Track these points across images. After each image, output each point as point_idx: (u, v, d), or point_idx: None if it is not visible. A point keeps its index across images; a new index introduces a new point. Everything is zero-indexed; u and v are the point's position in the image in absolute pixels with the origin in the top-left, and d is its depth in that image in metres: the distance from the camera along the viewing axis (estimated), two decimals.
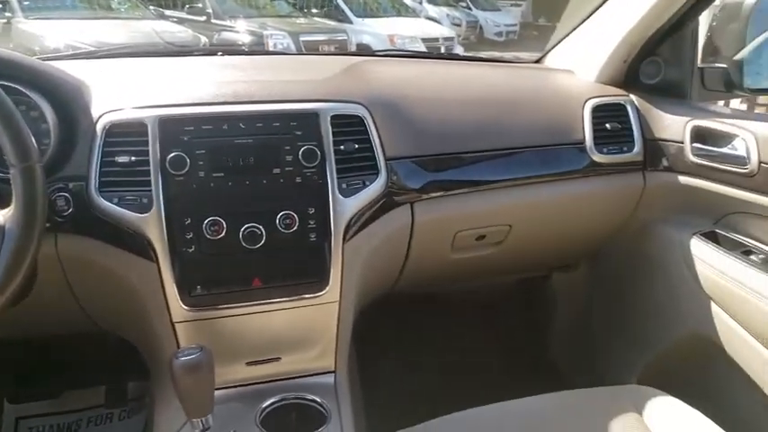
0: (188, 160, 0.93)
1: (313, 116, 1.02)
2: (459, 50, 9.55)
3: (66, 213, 0.92)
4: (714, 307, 1.21)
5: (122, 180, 0.93)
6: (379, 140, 1.07)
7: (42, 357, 1.55)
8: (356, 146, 1.03)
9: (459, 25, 13.40)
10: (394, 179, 1.08)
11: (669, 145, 1.31)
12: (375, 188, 1.04)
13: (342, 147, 1.02)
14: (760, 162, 1.13)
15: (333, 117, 1.03)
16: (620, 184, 1.33)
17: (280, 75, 1.13)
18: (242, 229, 0.95)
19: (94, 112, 0.96)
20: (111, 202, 0.92)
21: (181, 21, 8.22)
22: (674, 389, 1.03)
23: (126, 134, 0.94)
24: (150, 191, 0.92)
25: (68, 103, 0.96)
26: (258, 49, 5.79)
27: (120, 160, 0.93)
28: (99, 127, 0.94)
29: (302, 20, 9.26)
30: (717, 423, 0.94)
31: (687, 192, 1.29)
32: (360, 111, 1.06)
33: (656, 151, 1.32)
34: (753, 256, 1.17)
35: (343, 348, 1.10)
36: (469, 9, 14.40)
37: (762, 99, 4.74)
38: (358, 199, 1.01)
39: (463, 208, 1.20)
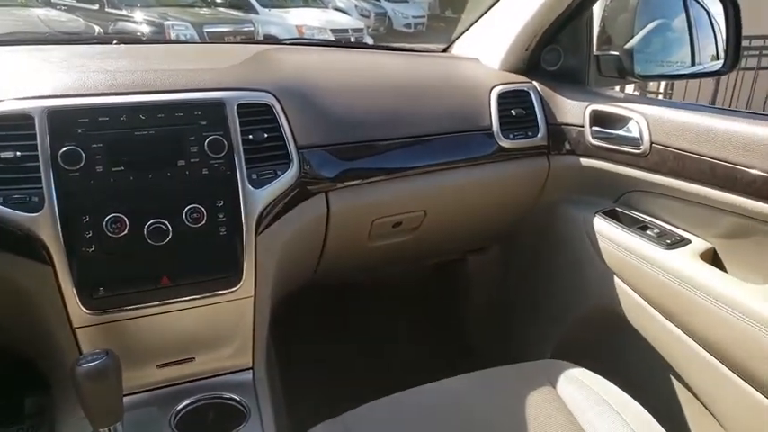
0: (83, 155, 0.87)
1: (218, 105, 0.98)
2: (368, 42, 9.57)
3: None
4: (617, 280, 1.28)
5: (8, 178, 0.85)
6: (290, 129, 1.04)
7: None
8: (265, 135, 1.01)
9: (367, 17, 13.43)
10: (307, 168, 1.06)
11: (570, 129, 1.37)
12: (287, 178, 1.01)
13: (250, 136, 0.99)
14: (651, 143, 1.21)
15: (239, 106, 0.99)
16: (526, 167, 1.38)
17: (182, 64, 1.08)
18: (146, 226, 0.90)
19: None
20: None
21: (71, 9, 7.71)
22: (585, 361, 1.08)
23: (10, 128, 0.87)
24: (41, 188, 0.86)
25: None
26: (159, 38, 5.52)
27: (3, 156, 0.85)
28: None
29: (206, 10, 8.97)
30: (625, 390, 0.99)
31: (589, 173, 1.36)
32: (268, 99, 1.03)
33: (558, 135, 1.38)
34: (649, 231, 1.25)
35: (261, 344, 1.08)
36: (377, 0, 14.46)
37: (652, 85, 5.08)
38: (269, 190, 0.99)
39: (379, 196, 1.20)
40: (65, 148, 0.87)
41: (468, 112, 1.30)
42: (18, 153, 0.86)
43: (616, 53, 1.38)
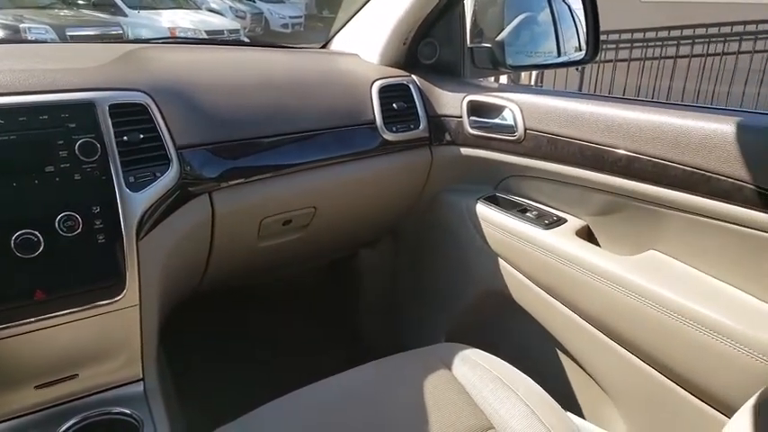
0: None
1: (88, 106, 0.92)
2: None
3: None
4: (501, 262, 1.35)
5: None
6: (167, 129, 1.00)
7: None
8: (141, 136, 0.96)
9: (243, 18, 13.15)
10: (187, 169, 1.02)
11: (450, 120, 1.42)
12: (167, 180, 0.97)
13: (125, 138, 0.94)
14: (525, 129, 1.28)
15: (111, 106, 0.94)
16: (411, 159, 1.41)
17: (44, 63, 1.00)
18: (13, 237, 0.83)
19: None
20: None
21: None
22: (477, 342, 1.13)
23: None
24: None
25: None
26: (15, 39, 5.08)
27: None
28: None
29: (66, 12, 8.35)
30: (517, 366, 1.04)
31: (469, 162, 1.42)
32: (142, 98, 0.99)
33: (439, 127, 1.42)
34: (528, 213, 1.32)
35: (150, 353, 1.02)
36: (253, 1, 14.21)
37: (524, 77, 5.39)
38: (148, 193, 0.94)
39: (266, 194, 1.18)
40: None
41: (351, 106, 1.31)
42: None
43: (488, 45, 1.45)
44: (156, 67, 1.12)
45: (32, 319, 0.86)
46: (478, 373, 1.02)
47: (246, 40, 10.08)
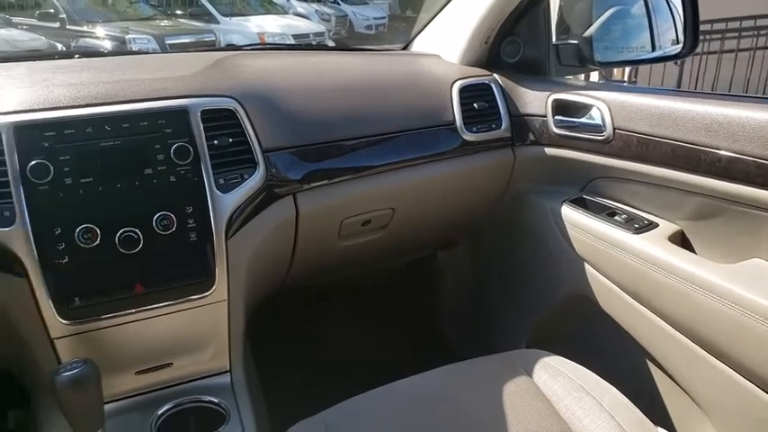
0: (51, 168, 0.87)
1: (182, 113, 0.98)
2: (330, 45, 9.59)
3: None
4: (587, 267, 1.30)
5: None
6: (254, 133, 1.04)
7: None
8: (230, 140, 1.01)
9: (328, 21, 13.43)
10: (273, 171, 1.07)
11: (534, 119, 1.38)
12: (254, 182, 1.02)
13: (215, 142, 0.99)
14: (614, 128, 1.23)
15: (203, 112, 1.00)
16: (491, 160, 1.39)
17: (144, 73, 1.07)
18: (117, 235, 0.90)
19: None
20: None
21: (33, 28, 7.61)
22: (560, 348, 1.09)
23: None
24: (12, 203, 0.86)
25: None
26: (121, 50, 5.45)
27: None
28: None
29: (166, 22, 8.91)
30: (601, 375, 1.00)
31: (554, 162, 1.38)
32: (231, 104, 1.03)
33: (522, 126, 1.40)
34: (617, 217, 1.27)
35: (237, 347, 1.08)
36: (338, 4, 14.48)
37: (616, 73, 5.15)
38: (237, 194, 0.99)
39: (346, 195, 1.20)
40: (33, 162, 0.87)
41: (430, 107, 1.31)
42: None
43: (575, 42, 1.40)
44: (243, 74, 1.17)
45: (133, 311, 0.94)
46: (561, 381, 0.99)
47: (331, 42, 10.31)
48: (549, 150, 1.38)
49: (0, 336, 0.96)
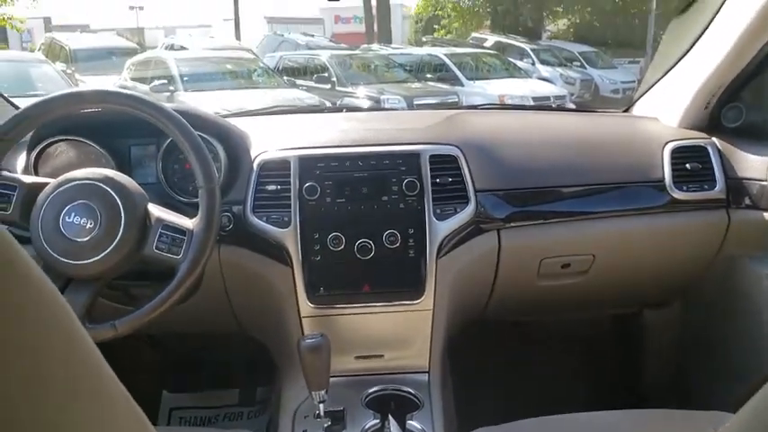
0: (318, 189, 1.20)
1: (415, 156, 1.25)
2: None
3: (228, 228, 1.21)
4: None
5: (270, 203, 1.21)
6: (470, 175, 1.26)
7: (194, 354, 1.86)
8: (450, 179, 1.24)
9: (572, 84, 13.35)
10: (481, 209, 1.26)
11: (752, 183, 1.37)
12: (465, 214, 1.23)
13: (438, 180, 1.23)
14: None
15: (431, 156, 1.25)
16: (702, 220, 1.40)
17: (390, 124, 1.38)
18: (356, 243, 1.18)
19: (253, 153, 1.26)
20: (261, 220, 1.20)
21: (310, 89, 9.15)
22: None
23: (274, 169, 1.23)
24: (290, 212, 1.19)
25: (236, 146, 1.27)
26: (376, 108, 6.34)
27: (269, 188, 1.21)
28: (256, 164, 1.24)
29: (417, 84, 9.79)
30: None
31: None
32: (454, 151, 1.27)
33: (738, 189, 1.38)
34: None
35: (437, 351, 1.27)
36: (584, 68, 14.35)
37: None
38: (450, 222, 1.21)
39: (547, 236, 1.34)
40: (307, 184, 1.20)
41: (638, 164, 1.39)
42: (278, 186, 1.21)
43: None
44: (467, 127, 1.42)
45: (360, 305, 1.21)
46: None
47: (572, 105, 10.29)
48: None
49: (267, 311, 1.29)
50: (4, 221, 1.00)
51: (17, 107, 1.42)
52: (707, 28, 1.41)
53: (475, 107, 1.88)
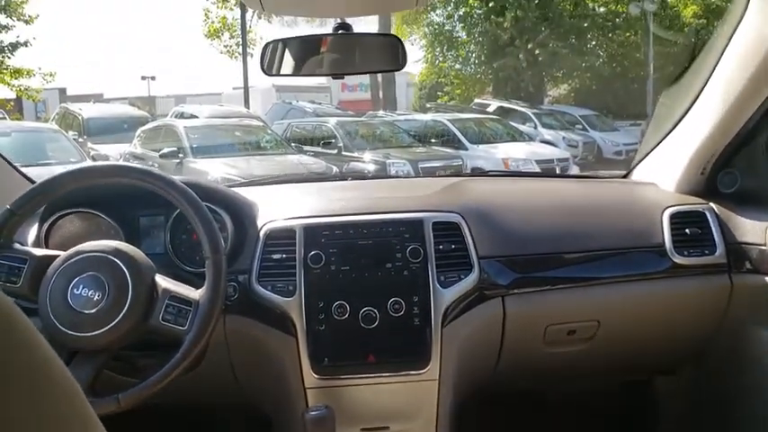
0: (323, 257, 1.22)
1: (418, 223, 1.27)
2: (575, 170, 9.69)
3: (233, 298, 1.22)
4: None
5: (275, 272, 1.23)
6: (473, 242, 1.28)
7: (196, 428, 1.82)
8: (453, 246, 1.26)
9: (575, 146, 13.52)
10: (485, 276, 1.28)
11: (752, 248, 1.38)
12: (468, 282, 1.24)
13: (441, 247, 1.25)
14: None
15: (434, 224, 1.28)
16: (705, 285, 1.41)
17: (394, 192, 1.42)
18: (361, 312, 1.19)
19: (259, 223, 1.29)
20: (266, 289, 1.21)
21: (316, 154, 9.36)
22: None
23: (280, 238, 1.26)
24: (295, 280, 1.21)
25: (242, 216, 1.30)
26: (380, 174, 6.45)
27: (274, 257, 1.24)
28: (262, 233, 1.27)
29: (421, 148, 10.00)
30: None
31: None
32: (456, 218, 1.30)
33: (739, 254, 1.40)
34: None
35: (444, 424, 1.25)
36: (586, 131, 14.57)
37: None
38: (454, 290, 1.22)
39: (551, 303, 1.35)
40: (312, 252, 1.22)
41: (639, 230, 1.41)
42: (283, 255, 1.23)
43: None
44: (469, 195, 1.45)
45: (363, 376, 1.20)
46: None
47: (576, 167, 10.41)
48: None
49: (271, 380, 1.29)
50: (13, 295, 1.02)
51: (29, 178, 1.47)
52: (699, 95, 1.46)
53: (477, 174, 1.93)
